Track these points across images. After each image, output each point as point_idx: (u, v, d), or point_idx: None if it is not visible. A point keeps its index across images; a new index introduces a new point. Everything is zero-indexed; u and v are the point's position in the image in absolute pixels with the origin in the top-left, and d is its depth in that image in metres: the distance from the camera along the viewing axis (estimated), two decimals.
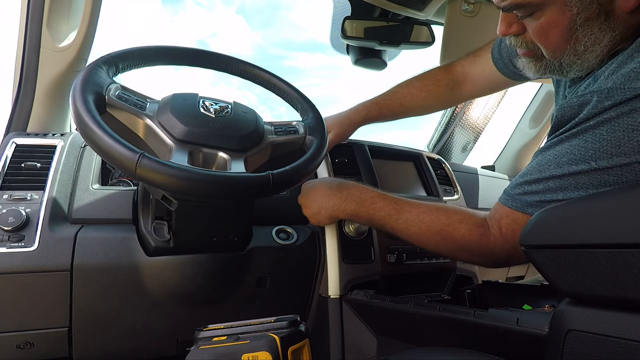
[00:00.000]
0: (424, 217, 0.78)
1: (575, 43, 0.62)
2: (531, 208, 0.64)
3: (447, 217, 0.76)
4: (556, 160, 0.61)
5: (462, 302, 1.04)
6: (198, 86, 5.17)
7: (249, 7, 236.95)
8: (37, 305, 0.78)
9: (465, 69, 1.06)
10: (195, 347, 0.61)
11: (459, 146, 1.86)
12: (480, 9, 1.26)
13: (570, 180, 0.59)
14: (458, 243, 0.74)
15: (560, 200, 0.60)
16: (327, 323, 0.95)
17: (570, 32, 0.61)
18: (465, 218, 0.75)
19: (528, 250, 0.52)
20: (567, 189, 0.60)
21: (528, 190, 0.65)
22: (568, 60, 0.64)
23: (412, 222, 0.79)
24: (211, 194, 0.62)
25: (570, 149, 0.59)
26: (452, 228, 0.75)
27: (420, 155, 1.27)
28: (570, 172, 0.59)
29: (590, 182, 0.57)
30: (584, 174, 0.58)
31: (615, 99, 0.55)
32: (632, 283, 0.42)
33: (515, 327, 0.61)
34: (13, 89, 1.00)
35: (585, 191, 0.58)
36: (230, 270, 0.90)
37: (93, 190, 0.87)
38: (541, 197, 0.63)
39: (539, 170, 0.63)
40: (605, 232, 0.44)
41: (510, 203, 0.67)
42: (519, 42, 0.68)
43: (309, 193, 0.92)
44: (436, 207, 0.80)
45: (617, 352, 0.43)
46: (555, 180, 0.61)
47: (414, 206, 0.80)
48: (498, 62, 0.96)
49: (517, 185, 0.67)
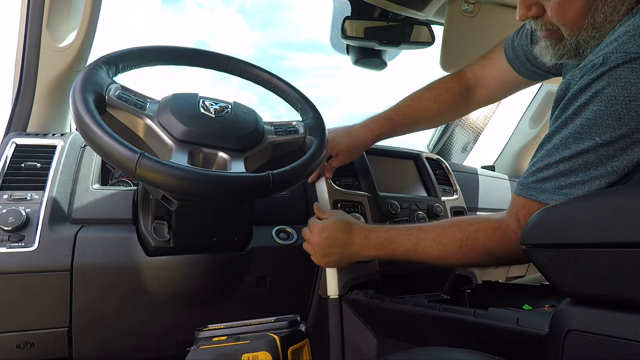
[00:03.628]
0: (440, 239, 0.77)
1: (594, 15, 0.62)
2: (545, 195, 0.63)
3: (461, 233, 0.75)
4: (563, 143, 0.61)
5: (462, 302, 1.04)
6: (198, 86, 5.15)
7: (249, 7, 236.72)
8: (37, 305, 0.78)
9: (477, 73, 1.03)
10: (195, 347, 0.61)
11: (458, 146, 1.86)
12: (480, 9, 1.26)
13: (578, 160, 0.59)
14: (480, 253, 0.73)
15: (573, 183, 0.60)
16: (327, 323, 0.95)
17: (590, 3, 0.62)
18: (481, 226, 0.74)
19: (528, 250, 0.52)
20: (578, 171, 0.59)
21: (540, 177, 0.64)
22: (585, 35, 0.64)
23: (431, 249, 0.78)
24: (211, 194, 0.62)
25: (574, 128, 0.60)
26: (471, 241, 0.74)
27: (419, 155, 1.27)
28: (577, 151, 0.59)
29: (598, 160, 0.57)
30: (590, 152, 0.58)
31: (610, 64, 0.55)
32: (633, 283, 0.42)
33: (515, 327, 0.61)
34: (13, 89, 1.00)
35: (595, 170, 0.58)
36: (230, 270, 0.90)
37: (93, 190, 0.87)
38: (554, 182, 0.62)
39: (548, 156, 0.63)
40: (606, 232, 0.44)
41: (524, 192, 0.67)
42: (539, 25, 0.69)
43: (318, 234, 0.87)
44: (450, 224, 0.79)
45: (617, 352, 0.43)
46: (564, 162, 0.61)
47: (428, 231, 0.79)
48: (514, 61, 0.93)
49: (529, 174, 0.67)
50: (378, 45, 1.30)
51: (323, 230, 0.86)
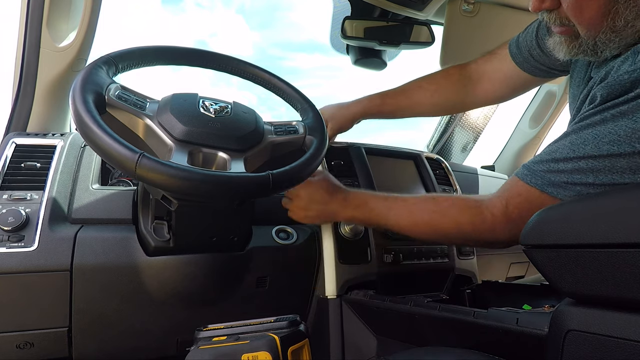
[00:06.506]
0: (413, 208, 0.79)
1: (614, 18, 0.57)
2: (553, 188, 0.60)
3: (435, 205, 0.77)
4: (595, 140, 0.55)
5: (462, 302, 1.04)
6: (198, 86, 5.16)
7: (249, 7, 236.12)
8: (37, 305, 0.78)
9: (481, 67, 1.02)
10: (195, 347, 0.61)
11: (458, 146, 1.86)
12: (480, 9, 1.26)
13: (605, 162, 0.54)
14: (449, 227, 0.74)
15: (589, 183, 0.56)
16: (327, 323, 0.95)
17: (609, 4, 0.56)
18: (456, 202, 0.75)
19: (528, 250, 0.52)
20: (600, 172, 0.55)
21: (555, 168, 0.60)
22: (604, 37, 0.59)
23: (402, 216, 0.80)
24: (211, 194, 0.62)
25: (614, 129, 0.53)
26: (442, 214, 0.75)
27: (418, 155, 1.27)
28: (609, 153, 0.53)
29: (628, 166, 0.52)
30: (623, 157, 0.52)
31: None
32: (633, 283, 0.42)
33: (515, 327, 0.61)
34: (13, 89, 1.00)
35: (620, 176, 0.53)
36: (230, 270, 0.90)
37: (93, 190, 0.87)
38: (568, 177, 0.58)
39: (571, 149, 0.58)
40: (606, 232, 0.44)
41: (529, 179, 0.63)
42: (553, 18, 0.63)
43: (302, 187, 0.88)
44: (427, 197, 0.82)
45: (617, 352, 0.43)
46: (588, 160, 0.55)
47: (404, 200, 0.82)
48: (517, 56, 0.91)
49: (542, 162, 0.62)
50: (378, 45, 1.30)
51: (307, 186, 0.87)
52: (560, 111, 1.73)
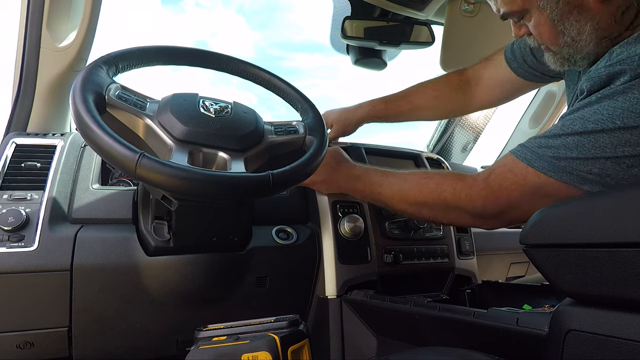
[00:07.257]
0: (405, 177, 0.85)
1: (564, 36, 0.69)
2: (539, 162, 0.65)
3: (425, 174, 0.83)
4: (582, 120, 0.62)
5: (462, 302, 1.04)
6: (198, 86, 5.17)
7: (249, 7, 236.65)
8: (37, 305, 0.78)
9: (478, 72, 1.08)
10: (195, 347, 0.61)
11: (459, 146, 1.86)
12: (480, 9, 1.26)
13: (590, 137, 0.60)
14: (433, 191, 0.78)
15: (573, 158, 0.61)
16: (327, 323, 0.95)
17: (556, 27, 0.68)
18: (446, 172, 0.82)
19: (528, 250, 0.52)
20: (583, 146, 0.60)
21: (544, 144, 0.66)
22: (567, 51, 0.70)
23: (394, 184, 0.85)
24: (211, 194, 0.62)
25: (598, 109, 0.60)
26: (428, 179, 0.80)
27: (419, 155, 1.27)
28: (593, 129, 0.59)
29: (609, 142, 0.58)
30: (605, 133, 0.58)
31: None
32: (633, 282, 0.42)
33: (515, 327, 0.61)
34: (13, 89, 1.00)
35: (602, 151, 0.58)
36: (230, 270, 0.90)
37: (93, 190, 0.87)
38: (554, 152, 0.63)
39: (561, 129, 0.64)
40: (606, 232, 0.44)
41: (520, 153, 0.68)
42: (533, 41, 0.74)
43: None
44: (422, 172, 0.87)
45: (617, 352, 0.43)
46: (574, 136, 0.61)
47: (399, 173, 0.87)
48: (512, 62, 0.98)
49: (535, 139, 0.68)
50: (378, 45, 1.31)
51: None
52: (560, 111, 1.73)
